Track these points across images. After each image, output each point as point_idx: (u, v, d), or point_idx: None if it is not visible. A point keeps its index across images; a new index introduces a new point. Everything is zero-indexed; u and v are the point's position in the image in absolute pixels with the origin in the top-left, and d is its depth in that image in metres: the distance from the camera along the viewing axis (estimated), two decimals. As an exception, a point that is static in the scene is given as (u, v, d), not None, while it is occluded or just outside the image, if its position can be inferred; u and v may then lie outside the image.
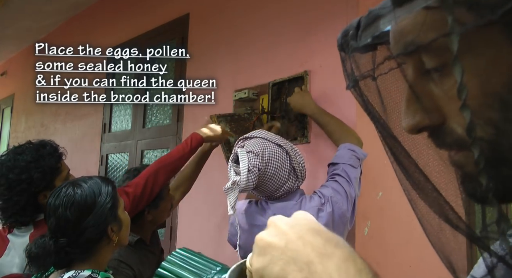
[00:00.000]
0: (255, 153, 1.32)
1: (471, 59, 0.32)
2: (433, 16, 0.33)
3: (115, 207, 1.13)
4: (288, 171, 1.36)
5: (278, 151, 1.36)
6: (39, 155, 1.45)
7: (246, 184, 1.28)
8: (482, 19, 0.29)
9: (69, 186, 1.11)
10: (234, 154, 1.39)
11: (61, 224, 1.06)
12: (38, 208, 1.45)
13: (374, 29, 0.37)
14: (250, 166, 1.29)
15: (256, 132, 1.42)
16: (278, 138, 1.41)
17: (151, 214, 1.57)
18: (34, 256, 1.04)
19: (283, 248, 0.37)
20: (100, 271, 1.08)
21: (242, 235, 1.38)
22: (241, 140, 1.42)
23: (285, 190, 1.36)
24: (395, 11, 0.34)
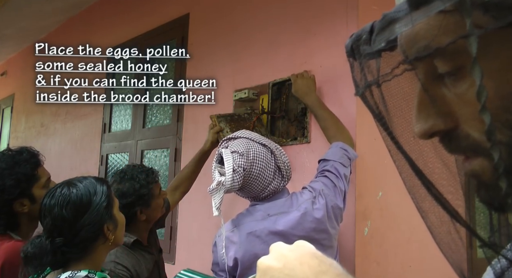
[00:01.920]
0: (239, 153, 1.30)
1: (488, 61, 0.32)
2: (449, 20, 0.33)
3: (110, 206, 1.14)
4: (273, 170, 1.35)
5: (262, 150, 1.35)
6: (14, 161, 1.41)
7: (231, 184, 1.26)
8: (501, 21, 0.29)
9: (64, 186, 1.11)
10: (218, 154, 1.37)
11: (57, 224, 1.06)
12: (12, 216, 1.41)
13: (389, 33, 0.36)
14: (235, 166, 1.27)
15: (240, 133, 1.41)
16: (262, 138, 1.40)
17: (144, 213, 1.57)
18: (31, 256, 1.04)
19: (281, 268, 0.41)
20: (97, 271, 1.08)
21: (239, 249, 1.30)
22: (225, 141, 1.41)
23: (270, 190, 1.35)
24: (412, 14, 0.33)
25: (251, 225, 1.32)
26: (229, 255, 1.30)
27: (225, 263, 1.30)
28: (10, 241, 1.38)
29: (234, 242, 1.31)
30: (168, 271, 1.78)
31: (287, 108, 1.96)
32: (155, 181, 1.61)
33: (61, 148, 4.05)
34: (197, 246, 2.37)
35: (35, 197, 1.43)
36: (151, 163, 2.94)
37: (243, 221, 1.34)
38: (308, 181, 1.82)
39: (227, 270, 1.30)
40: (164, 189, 1.91)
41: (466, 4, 0.30)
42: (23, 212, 1.42)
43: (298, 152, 1.87)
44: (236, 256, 1.29)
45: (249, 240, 1.29)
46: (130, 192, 1.50)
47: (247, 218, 1.35)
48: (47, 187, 1.46)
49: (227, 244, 1.30)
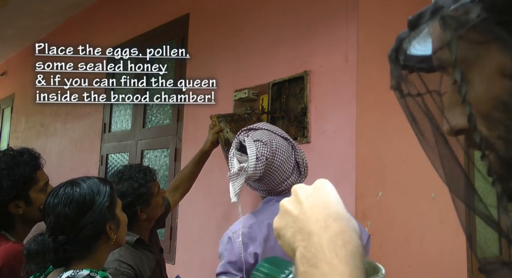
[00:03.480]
0: (263, 142, 1.29)
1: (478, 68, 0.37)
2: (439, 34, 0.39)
3: (113, 206, 1.14)
4: (293, 165, 1.35)
5: (284, 143, 1.34)
6: (14, 162, 1.39)
7: (253, 171, 1.24)
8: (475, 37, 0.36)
9: (68, 185, 1.12)
10: (237, 142, 1.35)
11: (60, 222, 1.07)
12: (7, 217, 1.40)
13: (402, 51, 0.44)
14: (258, 153, 1.26)
15: (261, 124, 1.40)
16: (283, 132, 1.39)
17: (144, 212, 1.57)
18: (33, 253, 1.05)
19: (295, 217, 0.46)
20: (99, 271, 1.08)
21: (260, 245, 1.25)
22: (244, 131, 1.39)
23: (287, 185, 1.34)
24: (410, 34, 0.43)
25: (272, 221, 1.30)
26: (248, 251, 1.25)
27: (245, 261, 1.25)
28: (7, 243, 1.38)
29: (253, 238, 1.27)
30: (168, 271, 1.78)
31: (287, 108, 1.96)
32: (153, 179, 1.61)
33: (61, 148, 4.05)
34: (197, 246, 2.37)
35: (31, 200, 1.41)
36: (151, 163, 2.94)
37: (263, 216, 1.31)
38: (308, 181, 1.82)
39: (246, 268, 1.25)
40: (164, 189, 1.91)
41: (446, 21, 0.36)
42: (18, 214, 1.41)
43: (298, 152, 1.87)
44: (256, 251, 1.24)
45: (271, 235, 1.26)
46: (129, 191, 1.50)
47: (267, 213, 1.31)
48: (45, 191, 1.44)
49: (245, 240, 1.25)
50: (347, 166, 1.68)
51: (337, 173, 1.72)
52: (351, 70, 1.71)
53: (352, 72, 1.70)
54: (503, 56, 0.35)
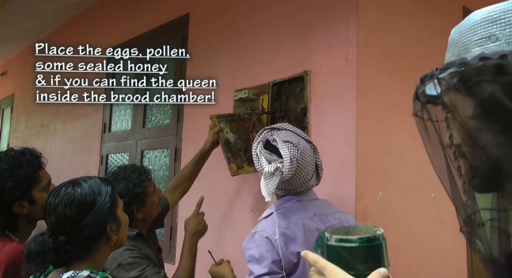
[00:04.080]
0: (294, 143, 1.30)
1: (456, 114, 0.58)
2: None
3: (114, 206, 1.14)
4: (314, 167, 1.37)
5: (307, 146, 1.36)
6: (16, 163, 1.39)
7: (288, 172, 1.26)
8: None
9: (68, 185, 1.12)
10: (262, 140, 1.36)
11: (60, 222, 1.06)
12: (11, 217, 1.40)
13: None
14: (291, 155, 1.27)
15: (284, 125, 1.41)
16: (305, 134, 1.41)
17: (141, 212, 1.57)
18: (34, 253, 1.05)
19: None
20: (99, 271, 1.08)
21: (302, 244, 1.27)
22: (268, 129, 1.40)
23: (308, 186, 1.36)
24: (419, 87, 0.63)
25: (306, 222, 1.32)
26: (289, 250, 1.26)
27: (289, 260, 1.25)
28: (12, 243, 1.38)
29: (292, 238, 1.28)
30: (168, 271, 1.78)
31: (287, 108, 1.96)
32: (148, 179, 1.61)
33: (61, 148, 4.05)
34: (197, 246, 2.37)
35: (35, 199, 1.42)
36: (151, 163, 2.94)
37: (295, 217, 1.32)
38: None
39: (289, 266, 1.25)
40: (164, 189, 1.91)
41: (438, 82, 0.58)
42: (22, 214, 1.41)
43: (298, 152, 1.87)
44: (298, 250, 1.25)
45: (307, 235, 1.29)
46: (125, 192, 1.50)
47: (298, 213, 1.33)
48: (47, 190, 1.44)
49: (285, 241, 1.27)
50: (347, 166, 1.68)
51: (337, 173, 1.72)
52: (351, 70, 1.71)
53: (352, 72, 1.70)
54: (469, 105, 0.55)
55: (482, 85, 0.52)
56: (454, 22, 0.94)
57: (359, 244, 0.66)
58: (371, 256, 0.67)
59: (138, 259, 1.48)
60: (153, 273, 1.46)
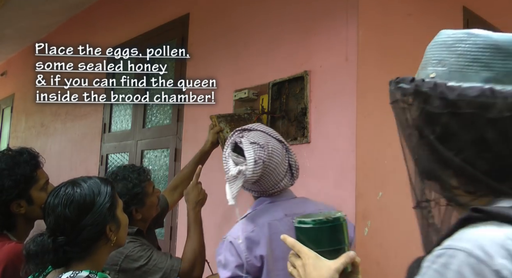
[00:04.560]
0: (260, 144, 1.28)
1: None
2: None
3: (113, 207, 1.14)
4: (286, 167, 1.35)
5: (279, 146, 1.34)
6: (14, 162, 1.40)
7: (252, 174, 1.25)
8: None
9: (68, 185, 1.11)
10: (231, 143, 1.34)
11: (59, 222, 1.06)
12: (9, 217, 1.40)
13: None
14: (256, 156, 1.26)
15: (256, 125, 1.39)
16: (277, 134, 1.39)
17: (139, 212, 1.58)
18: (33, 253, 1.04)
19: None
20: (98, 272, 1.08)
21: (264, 247, 1.26)
22: (239, 131, 1.38)
23: (280, 187, 1.34)
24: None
25: (274, 224, 1.29)
26: (253, 254, 1.24)
27: (251, 264, 1.23)
28: (10, 243, 1.38)
29: (256, 242, 1.26)
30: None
31: (287, 108, 1.96)
32: (147, 179, 1.62)
33: (61, 148, 4.06)
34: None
35: (33, 199, 1.42)
36: (151, 162, 2.94)
37: (262, 219, 1.30)
38: (308, 181, 1.82)
39: (253, 271, 1.24)
40: (163, 189, 1.91)
41: (391, 93, 0.71)
42: (20, 213, 1.41)
43: (298, 152, 1.87)
44: (262, 253, 1.25)
45: (273, 236, 1.26)
46: (124, 192, 1.51)
47: (265, 216, 1.31)
48: (45, 189, 1.45)
49: (249, 245, 1.25)
50: (347, 166, 1.68)
51: (337, 173, 1.72)
52: (351, 70, 1.71)
53: (352, 72, 1.70)
54: (409, 114, 0.69)
55: (396, 104, 0.70)
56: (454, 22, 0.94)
57: (312, 225, 0.82)
58: (326, 235, 0.82)
59: (143, 247, 1.50)
60: (160, 255, 1.50)
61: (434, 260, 0.56)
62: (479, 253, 0.52)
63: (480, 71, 0.63)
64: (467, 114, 0.61)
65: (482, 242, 0.53)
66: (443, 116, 0.63)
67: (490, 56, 0.63)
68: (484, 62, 0.63)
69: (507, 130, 0.60)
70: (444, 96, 0.62)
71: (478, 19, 2.56)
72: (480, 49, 0.63)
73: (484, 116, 0.60)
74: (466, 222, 0.58)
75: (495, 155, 0.61)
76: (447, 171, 0.65)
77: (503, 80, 0.62)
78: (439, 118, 0.63)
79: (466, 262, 0.53)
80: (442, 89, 0.62)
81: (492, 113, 0.59)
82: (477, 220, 0.58)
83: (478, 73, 0.63)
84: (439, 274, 0.55)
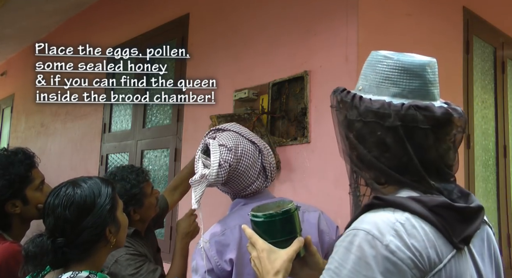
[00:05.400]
0: (228, 147, 1.26)
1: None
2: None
3: (114, 208, 1.13)
4: (259, 170, 1.32)
5: (251, 148, 1.31)
6: (8, 162, 1.39)
7: (215, 179, 1.23)
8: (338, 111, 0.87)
9: (69, 186, 1.11)
10: (203, 144, 1.33)
11: (59, 224, 1.06)
12: (4, 216, 1.40)
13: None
14: (221, 160, 1.23)
15: (230, 125, 1.37)
16: (252, 134, 1.36)
17: (138, 212, 1.57)
18: (31, 255, 1.04)
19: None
20: (97, 272, 1.08)
21: (234, 250, 1.24)
22: (213, 131, 1.37)
23: (252, 189, 1.32)
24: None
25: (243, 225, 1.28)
26: (223, 259, 1.22)
27: (222, 269, 1.22)
28: (5, 242, 1.37)
29: (226, 245, 1.24)
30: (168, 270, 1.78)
31: (287, 108, 1.96)
32: (146, 179, 1.61)
33: (61, 148, 4.05)
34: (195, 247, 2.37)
35: (28, 199, 1.41)
36: (151, 162, 2.94)
37: (233, 222, 1.28)
38: (308, 181, 1.82)
39: (223, 275, 1.23)
40: (163, 189, 1.91)
41: (331, 98, 0.90)
42: (15, 213, 1.41)
43: (298, 152, 1.87)
44: (231, 257, 1.23)
45: (243, 239, 1.24)
46: (122, 192, 1.50)
47: (236, 218, 1.29)
48: (41, 189, 1.44)
49: (219, 248, 1.23)
50: (347, 166, 1.68)
51: (337, 173, 1.72)
52: (351, 70, 1.71)
53: (352, 72, 1.70)
54: (339, 117, 0.86)
55: (332, 108, 0.89)
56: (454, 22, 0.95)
57: (264, 219, 0.89)
58: (277, 227, 0.89)
59: (135, 256, 1.48)
60: (149, 271, 1.47)
61: (343, 239, 0.72)
62: (375, 232, 0.68)
63: (390, 87, 0.78)
64: (371, 122, 0.77)
65: (377, 224, 0.69)
66: (356, 122, 0.79)
67: (398, 75, 0.78)
68: (393, 80, 0.78)
69: (399, 135, 0.75)
70: (357, 107, 0.78)
71: (478, 19, 2.56)
72: (391, 70, 0.78)
73: (383, 124, 0.75)
74: (369, 207, 0.74)
75: (393, 154, 0.76)
76: (364, 165, 0.81)
77: (407, 95, 0.77)
78: (354, 124, 0.80)
79: (365, 238, 0.69)
80: (356, 101, 0.79)
81: (388, 122, 0.75)
82: (378, 206, 0.73)
83: (388, 89, 0.78)
84: (347, 250, 0.70)
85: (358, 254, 0.68)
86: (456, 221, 0.72)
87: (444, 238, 0.70)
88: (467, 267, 0.73)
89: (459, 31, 2.41)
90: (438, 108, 0.75)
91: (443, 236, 0.70)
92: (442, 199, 0.73)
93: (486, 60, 2.73)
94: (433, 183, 0.75)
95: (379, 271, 0.66)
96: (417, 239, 0.68)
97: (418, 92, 0.77)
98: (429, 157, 0.76)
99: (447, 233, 0.70)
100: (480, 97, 2.62)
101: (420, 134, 0.74)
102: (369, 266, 0.67)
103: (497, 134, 2.74)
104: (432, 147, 0.75)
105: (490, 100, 2.74)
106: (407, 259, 0.67)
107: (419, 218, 0.70)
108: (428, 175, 0.75)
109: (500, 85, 2.80)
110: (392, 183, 0.78)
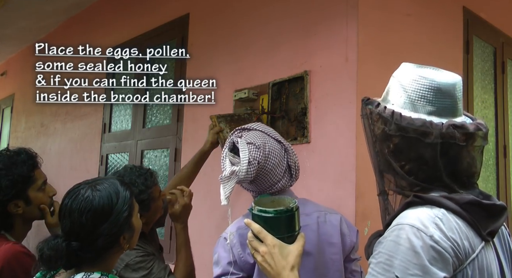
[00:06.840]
0: (256, 145, 1.28)
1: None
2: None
3: (130, 216, 1.12)
4: (285, 168, 1.34)
5: (277, 147, 1.33)
6: (11, 162, 1.39)
7: (245, 175, 1.24)
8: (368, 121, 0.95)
9: (87, 188, 1.08)
10: (230, 142, 1.34)
11: (75, 228, 1.05)
12: (6, 217, 1.40)
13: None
14: (251, 157, 1.25)
15: (255, 125, 1.39)
16: (277, 134, 1.39)
17: (144, 216, 1.56)
18: (46, 257, 1.03)
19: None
20: (109, 274, 1.08)
21: None
22: (238, 130, 1.38)
23: (278, 188, 1.34)
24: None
25: None
26: (247, 251, 1.22)
27: (245, 261, 1.23)
28: (7, 243, 1.37)
29: None
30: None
31: (287, 108, 1.96)
32: (154, 183, 1.59)
33: (61, 148, 4.05)
34: (197, 246, 2.37)
35: (31, 199, 1.41)
36: (151, 163, 2.94)
37: None
38: (308, 181, 1.82)
39: (247, 267, 1.24)
40: (163, 189, 1.91)
41: (361, 109, 0.97)
42: (18, 214, 1.41)
43: (298, 152, 1.87)
44: None
45: None
46: None
47: None
48: (43, 189, 1.44)
49: (242, 241, 1.24)
50: (347, 166, 1.68)
51: (337, 173, 1.72)
52: (351, 70, 1.71)
53: (352, 72, 1.70)
54: (372, 128, 0.93)
55: (365, 118, 0.94)
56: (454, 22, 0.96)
57: (274, 214, 0.91)
58: (284, 223, 0.92)
59: (144, 257, 1.47)
60: (159, 270, 1.47)
61: (389, 234, 0.80)
62: (419, 225, 0.77)
63: (426, 106, 0.87)
64: (412, 138, 0.85)
65: (420, 218, 0.78)
66: (395, 137, 0.87)
67: (433, 95, 0.87)
68: (429, 99, 0.87)
69: (436, 151, 0.84)
70: (398, 123, 0.86)
71: (478, 19, 2.56)
72: (427, 89, 0.87)
73: (424, 141, 0.84)
74: (409, 205, 0.83)
75: (429, 166, 0.85)
76: (398, 176, 0.90)
77: (441, 113, 0.86)
78: (392, 138, 0.88)
79: (411, 231, 0.77)
80: (397, 117, 0.86)
81: (429, 139, 0.83)
82: (416, 204, 0.82)
83: (425, 107, 0.87)
84: (395, 243, 0.78)
85: (407, 245, 0.76)
86: (483, 217, 0.81)
87: (474, 231, 0.80)
88: (493, 258, 0.83)
89: (459, 31, 2.41)
90: (470, 125, 0.85)
91: (473, 229, 0.80)
92: (471, 197, 0.82)
93: (486, 60, 2.73)
94: (462, 192, 0.85)
95: (427, 258, 0.74)
96: (454, 231, 0.77)
97: (450, 110, 0.87)
98: (459, 168, 0.86)
99: (476, 226, 0.80)
100: (480, 97, 2.62)
101: (455, 149, 0.84)
102: (418, 254, 0.74)
103: (497, 134, 2.74)
104: (464, 159, 0.86)
105: (490, 100, 2.74)
106: (449, 248, 0.76)
107: (453, 214, 0.79)
108: (456, 184, 0.85)
109: (500, 85, 2.81)
110: (424, 189, 0.87)
